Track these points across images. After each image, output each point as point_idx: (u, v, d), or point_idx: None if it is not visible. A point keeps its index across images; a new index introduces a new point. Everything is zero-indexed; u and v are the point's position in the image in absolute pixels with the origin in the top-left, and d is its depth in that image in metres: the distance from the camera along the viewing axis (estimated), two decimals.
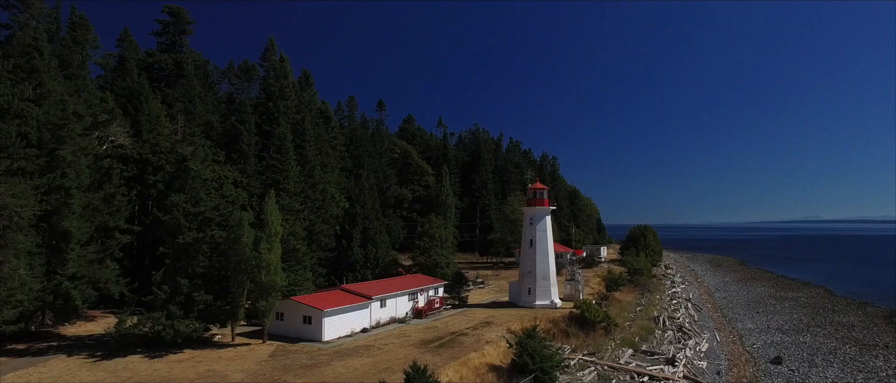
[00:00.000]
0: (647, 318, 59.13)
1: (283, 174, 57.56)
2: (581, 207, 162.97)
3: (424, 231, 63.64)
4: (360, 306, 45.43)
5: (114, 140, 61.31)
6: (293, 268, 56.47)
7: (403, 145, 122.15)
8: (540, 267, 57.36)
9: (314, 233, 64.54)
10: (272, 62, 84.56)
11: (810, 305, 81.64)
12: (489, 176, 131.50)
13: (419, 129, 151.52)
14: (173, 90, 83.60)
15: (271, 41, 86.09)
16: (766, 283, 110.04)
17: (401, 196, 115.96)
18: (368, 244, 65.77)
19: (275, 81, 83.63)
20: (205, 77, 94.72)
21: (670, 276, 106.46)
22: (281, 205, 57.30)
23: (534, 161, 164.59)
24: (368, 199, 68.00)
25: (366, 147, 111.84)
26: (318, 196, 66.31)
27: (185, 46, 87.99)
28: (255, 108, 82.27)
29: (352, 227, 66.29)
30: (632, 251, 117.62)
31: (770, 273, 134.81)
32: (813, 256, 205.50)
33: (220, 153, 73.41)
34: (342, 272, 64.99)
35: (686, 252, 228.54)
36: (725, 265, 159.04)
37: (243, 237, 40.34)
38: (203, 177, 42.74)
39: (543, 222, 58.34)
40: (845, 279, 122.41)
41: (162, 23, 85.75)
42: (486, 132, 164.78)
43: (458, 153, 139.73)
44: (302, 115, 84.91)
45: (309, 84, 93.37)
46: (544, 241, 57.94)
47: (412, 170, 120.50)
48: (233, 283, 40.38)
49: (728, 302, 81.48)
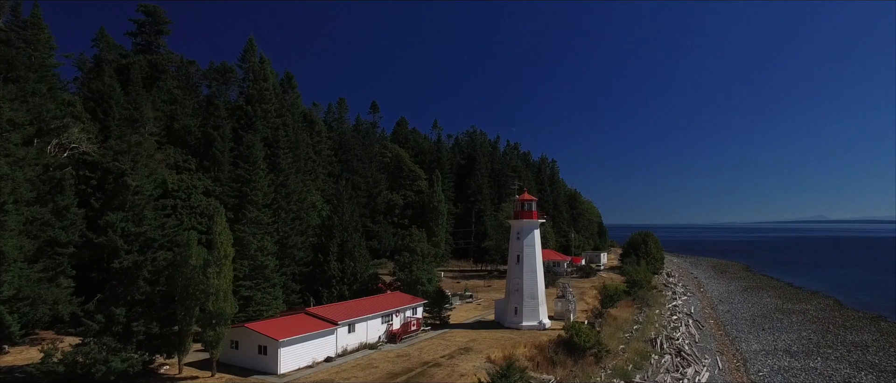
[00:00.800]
0: (643, 340, 54.79)
1: (250, 185, 53.45)
2: (581, 211, 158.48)
3: (404, 245, 59.47)
4: (323, 333, 41.32)
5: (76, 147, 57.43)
6: (260, 286, 52.45)
7: (395, 149, 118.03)
8: (527, 285, 53.10)
9: (288, 247, 60.45)
10: (251, 63, 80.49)
11: (819, 320, 77.11)
12: (484, 180, 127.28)
13: (413, 132, 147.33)
14: (149, 93, 79.80)
15: (251, 41, 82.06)
16: (773, 293, 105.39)
17: (392, 202, 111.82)
18: (346, 258, 61.61)
19: (253, 84, 79.61)
20: (186, 79, 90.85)
21: (671, 286, 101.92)
22: (248, 219, 53.43)
23: (532, 164, 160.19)
24: (347, 210, 63.85)
25: (355, 151, 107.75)
26: (292, 207, 62.20)
27: (162, 47, 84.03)
28: (232, 113, 78.27)
29: (328, 240, 62.15)
30: (632, 259, 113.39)
31: (776, 280, 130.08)
32: (820, 261, 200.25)
33: (192, 160, 69.64)
34: (318, 288, 60.88)
35: (690, 256, 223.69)
36: (730, 271, 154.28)
37: (191, 259, 36.34)
38: (147, 192, 38.52)
39: (531, 236, 54.09)
40: (854, 288, 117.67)
41: (137, 23, 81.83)
42: (484, 134, 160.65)
43: (453, 156, 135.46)
44: (282, 120, 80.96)
45: (291, 86, 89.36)
46: (532, 257, 53.69)
47: (404, 174, 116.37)
48: (179, 310, 36.36)
49: (732, 317, 76.98)
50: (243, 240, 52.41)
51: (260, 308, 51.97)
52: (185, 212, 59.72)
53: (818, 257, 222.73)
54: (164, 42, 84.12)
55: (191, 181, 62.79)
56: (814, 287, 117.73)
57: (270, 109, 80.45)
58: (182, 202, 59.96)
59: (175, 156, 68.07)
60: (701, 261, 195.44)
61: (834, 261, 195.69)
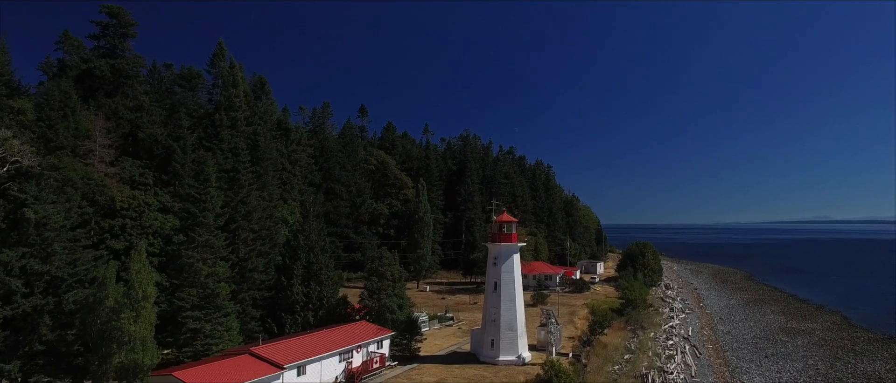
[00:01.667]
0: (633, 375, 49.74)
1: (200, 206, 48.52)
2: (578, 219, 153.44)
3: (373, 269, 54.47)
4: (267, 380, 36.39)
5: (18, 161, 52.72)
6: (211, 317, 47.63)
7: (381, 156, 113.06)
8: (505, 316, 48.12)
9: (247, 271, 55.58)
10: (220, 69, 75.65)
11: (827, 342, 71.98)
12: (476, 188, 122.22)
13: (403, 137, 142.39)
14: (112, 100, 75.03)
15: (220, 45, 77.05)
16: (776, 307, 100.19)
17: (376, 211, 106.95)
18: (311, 281, 56.67)
19: (222, 91, 74.84)
20: (158, 84, 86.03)
21: (669, 301, 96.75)
22: (198, 243, 48.57)
23: (527, 169, 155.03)
24: (314, 228, 58.87)
25: (337, 159, 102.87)
26: (253, 226, 57.30)
27: (128, 51, 79.17)
28: (199, 122, 73.44)
29: (292, 262, 57.23)
30: (629, 271, 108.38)
31: (779, 292, 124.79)
32: (824, 268, 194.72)
33: (150, 174, 64.79)
34: (280, 314, 55.98)
35: (691, 262, 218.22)
36: (731, 280, 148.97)
37: (108, 299, 31.53)
38: (58, 223, 33.56)
39: (510, 262, 49.11)
40: (861, 301, 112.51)
41: (100, 25, 76.96)
42: (477, 138, 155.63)
43: (443, 163, 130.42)
44: (253, 128, 76.18)
45: (265, 92, 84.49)
46: (511, 285, 48.71)
47: (390, 182, 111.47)
48: (92, 360, 31.57)
49: (733, 341, 71.85)
50: (192, 266, 47.71)
51: (209, 341, 47.12)
52: (135, 232, 54.94)
53: (822, 264, 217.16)
54: (130, 45, 79.25)
55: (144, 198, 57.96)
56: (819, 299, 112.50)
57: (240, 117, 75.76)
58: (132, 221, 55.17)
59: (131, 170, 63.33)
60: (702, 267, 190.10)
61: (838, 269, 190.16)
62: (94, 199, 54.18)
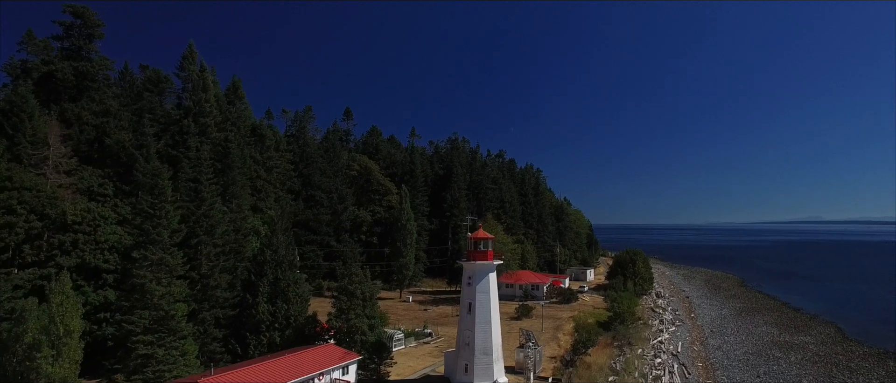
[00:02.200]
0: None
1: (153, 222, 45.21)
2: (568, 224, 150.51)
3: (342, 287, 51.26)
4: None
5: None
6: (164, 341, 44.39)
7: (364, 161, 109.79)
8: (479, 339, 45.05)
9: (209, 289, 52.27)
10: (190, 72, 72.27)
11: (821, 358, 69.36)
12: (462, 193, 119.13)
13: (390, 141, 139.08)
14: (76, 105, 71.54)
15: (191, 47, 73.73)
16: (769, 318, 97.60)
17: (359, 219, 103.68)
18: (278, 299, 53.43)
19: (191, 95, 71.47)
20: (130, 87, 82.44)
21: (659, 312, 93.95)
22: (151, 261, 45.29)
23: (516, 173, 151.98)
24: (282, 242, 55.58)
25: (318, 165, 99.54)
26: (216, 241, 53.97)
27: (94, 52, 75.60)
28: (166, 128, 70.03)
29: (258, 278, 53.98)
30: (619, 279, 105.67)
31: (772, 299, 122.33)
32: (817, 272, 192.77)
33: (109, 184, 61.39)
34: (245, 334, 52.73)
35: (684, 266, 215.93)
36: (724, 286, 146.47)
37: (25, 336, 28.28)
38: None
39: (486, 282, 46.02)
40: (856, 310, 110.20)
41: (63, 25, 73.38)
42: (466, 141, 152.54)
43: (429, 167, 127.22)
44: (225, 134, 72.81)
45: (238, 97, 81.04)
46: (486, 306, 45.63)
47: (373, 188, 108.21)
48: None
49: (723, 357, 69.05)
50: (144, 286, 44.44)
51: (162, 368, 43.91)
52: (88, 248, 51.55)
53: (815, 268, 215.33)
54: (97, 47, 75.67)
55: (100, 210, 54.54)
56: (812, 308, 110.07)
57: (210, 123, 72.44)
58: (85, 236, 51.76)
59: (90, 180, 59.86)
60: (695, 272, 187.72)
61: (832, 274, 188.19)
62: (45, 213, 50.81)
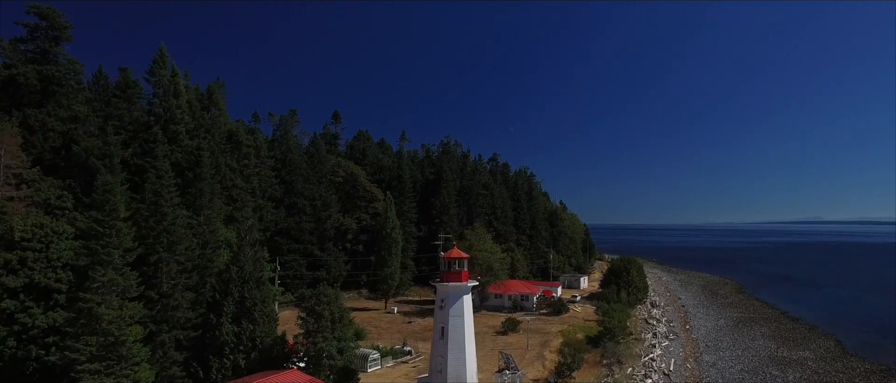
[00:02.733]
0: None
1: (103, 241, 42.07)
2: (563, 229, 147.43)
3: (309, 308, 48.15)
4: None
5: None
6: (113, 369, 41.32)
7: (349, 167, 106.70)
8: (452, 366, 41.99)
9: (170, 309, 49.16)
10: (161, 77, 69.16)
11: (820, 376, 66.42)
12: (452, 199, 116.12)
13: (380, 144, 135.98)
14: (40, 111, 68.50)
15: (161, 51, 70.58)
16: (767, 329, 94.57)
17: (344, 226, 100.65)
18: (244, 319, 50.32)
19: (162, 100, 68.38)
20: (104, 92, 79.34)
21: (653, 323, 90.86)
22: (98, 284, 42.17)
23: (509, 178, 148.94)
24: (248, 258, 52.45)
25: (301, 171, 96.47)
26: (178, 258, 50.83)
27: (61, 55, 72.48)
28: (134, 136, 66.96)
29: (223, 297, 50.89)
30: (612, 288, 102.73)
31: (771, 308, 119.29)
32: (817, 277, 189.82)
33: (68, 197, 58.32)
34: (208, 357, 49.62)
35: (682, 270, 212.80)
36: (722, 293, 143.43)
37: None
38: None
39: (460, 305, 42.97)
40: (856, 320, 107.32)
41: (28, 27, 70.24)
42: (459, 145, 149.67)
43: (420, 172, 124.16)
44: (197, 143, 69.71)
45: (213, 102, 77.83)
46: (460, 332, 42.57)
47: (359, 195, 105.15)
48: None
49: (718, 374, 66.01)
50: (91, 311, 41.35)
51: None
52: (38, 266, 48.40)
53: (814, 272, 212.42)
54: (64, 50, 72.56)
55: (55, 225, 51.39)
56: (811, 317, 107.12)
57: (182, 130, 69.35)
58: (35, 254, 48.60)
59: (47, 192, 56.78)
60: (692, 277, 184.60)
61: (832, 278, 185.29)
62: None
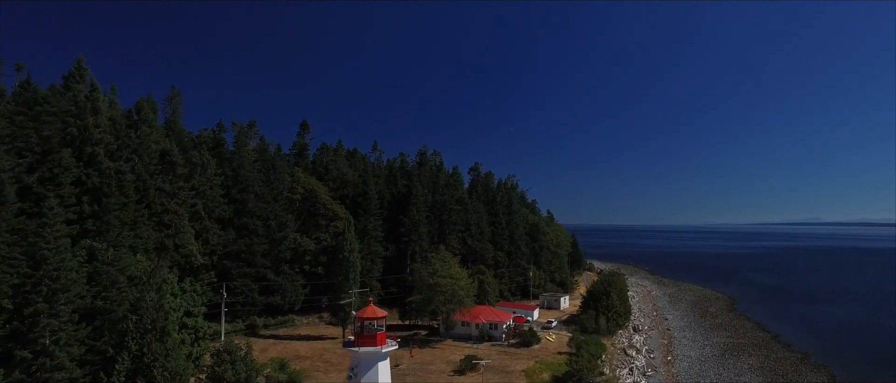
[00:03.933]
0: None
1: None
2: (544, 244, 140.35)
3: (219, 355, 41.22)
4: None
5: None
6: None
7: (309, 183, 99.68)
8: None
9: (46, 369, 42.15)
10: (76, 92, 62.26)
11: None
12: (422, 216, 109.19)
13: (352, 155, 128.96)
14: None
15: (79, 63, 63.72)
16: (755, 360, 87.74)
17: (302, 247, 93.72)
18: (139, 377, 43.39)
19: (76, 120, 61.46)
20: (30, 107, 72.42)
21: (631, 357, 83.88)
22: None
23: (490, 189, 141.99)
24: (151, 304, 45.50)
25: (254, 188, 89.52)
26: (63, 307, 43.76)
27: None
28: (43, 159, 59.98)
29: (119, 351, 44.02)
30: (591, 313, 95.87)
31: (762, 331, 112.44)
32: (813, 289, 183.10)
33: None
34: None
35: (673, 281, 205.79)
36: (711, 311, 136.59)
37: None
38: None
39: (374, 372, 36.02)
40: (852, 343, 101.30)
41: None
42: (437, 155, 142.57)
43: (387, 187, 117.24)
44: (117, 165, 62.78)
45: (143, 119, 70.85)
46: None
47: (320, 213, 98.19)
48: None
49: None
50: None
51: None
52: None
53: (811, 282, 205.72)
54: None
55: None
56: (804, 344, 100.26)
57: (100, 152, 62.40)
58: None
59: None
60: (684, 291, 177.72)
61: (829, 291, 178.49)
62: None
